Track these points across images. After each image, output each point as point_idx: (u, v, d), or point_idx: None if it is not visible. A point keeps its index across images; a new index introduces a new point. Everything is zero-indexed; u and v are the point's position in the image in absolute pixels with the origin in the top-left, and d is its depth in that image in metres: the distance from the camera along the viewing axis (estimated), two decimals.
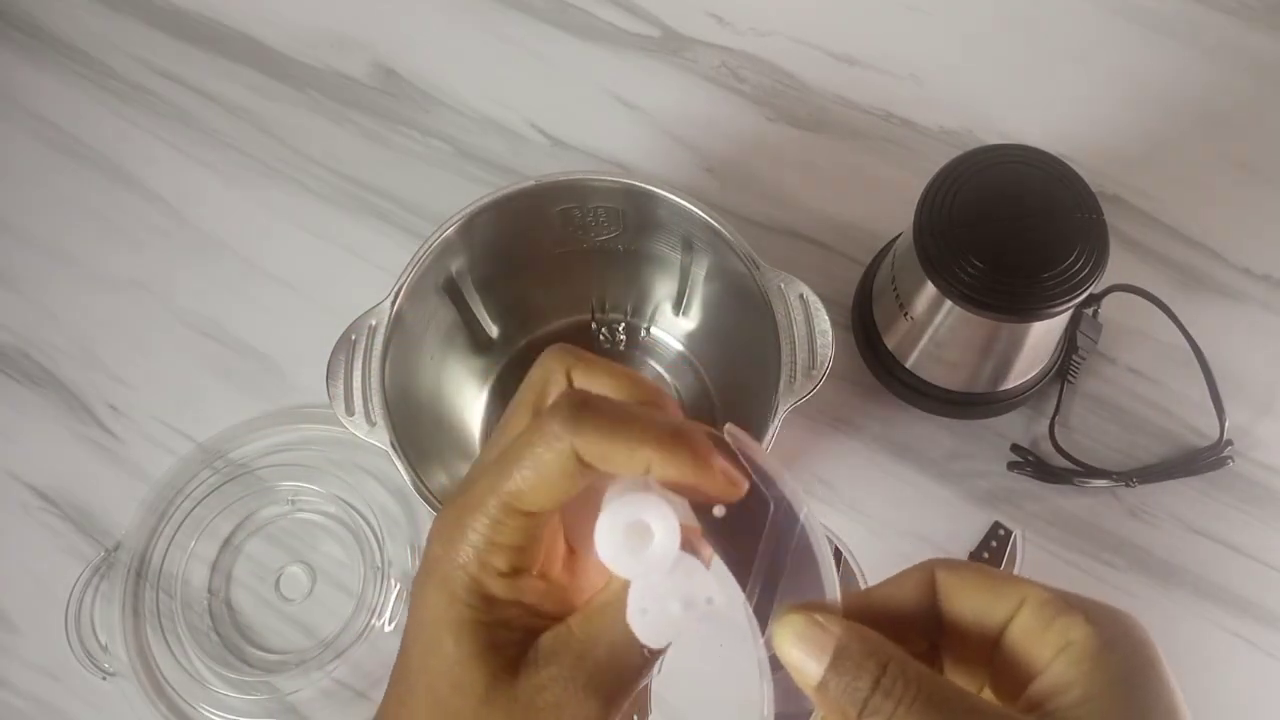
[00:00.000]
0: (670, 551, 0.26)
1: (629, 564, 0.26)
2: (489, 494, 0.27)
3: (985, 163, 0.49)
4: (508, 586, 0.27)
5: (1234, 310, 0.61)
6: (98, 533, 0.59)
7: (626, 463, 0.26)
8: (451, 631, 0.27)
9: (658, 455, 0.26)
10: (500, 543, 0.27)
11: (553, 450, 0.26)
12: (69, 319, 0.65)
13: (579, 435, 0.26)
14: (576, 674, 0.27)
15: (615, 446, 0.26)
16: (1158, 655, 0.26)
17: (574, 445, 0.26)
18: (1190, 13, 0.69)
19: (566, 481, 0.26)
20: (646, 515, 0.26)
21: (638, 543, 0.26)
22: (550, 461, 0.26)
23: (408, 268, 0.50)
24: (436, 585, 0.27)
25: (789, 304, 0.48)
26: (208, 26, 0.72)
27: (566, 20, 0.71)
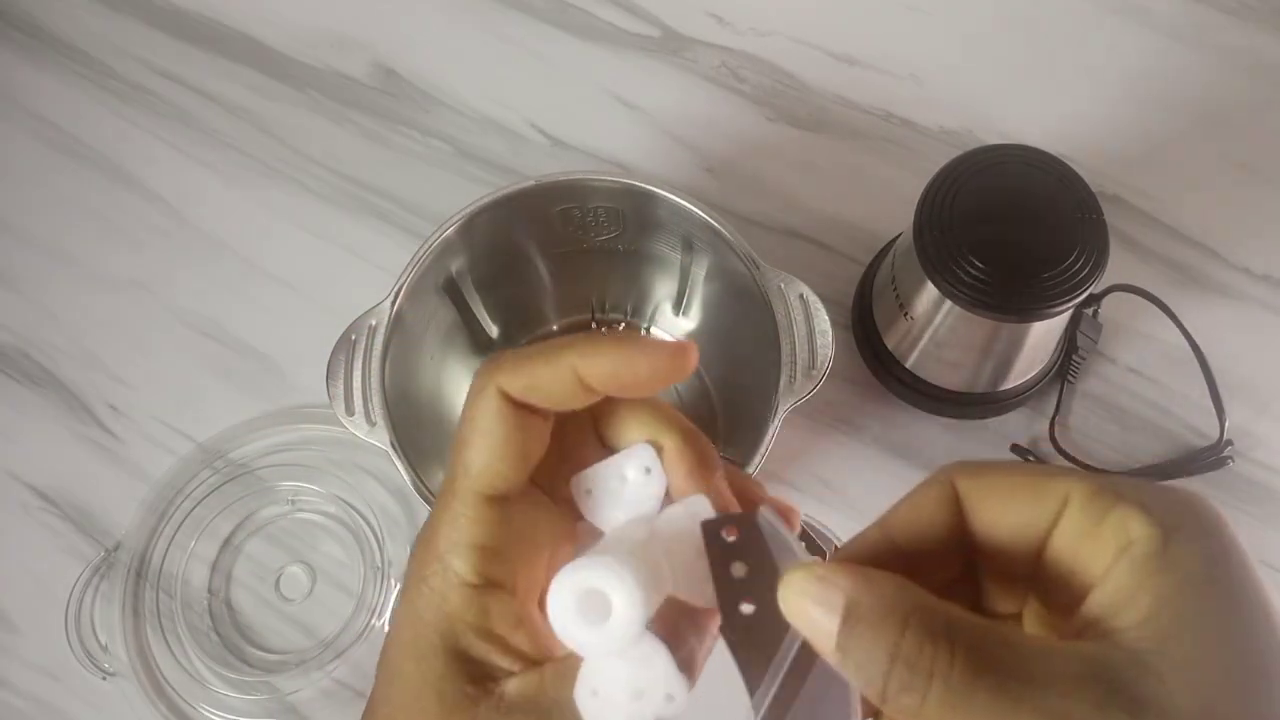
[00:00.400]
0: (629, 630, 0.22)
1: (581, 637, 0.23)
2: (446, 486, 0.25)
3: (985, 163, 0.49)
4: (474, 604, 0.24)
5: (1234, 310, 0.61)
6: (98, 533, 0.59)
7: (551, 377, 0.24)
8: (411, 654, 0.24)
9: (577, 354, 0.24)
10: (462, 541, 0.24)
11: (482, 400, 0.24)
12: (69, 319, 0.65)
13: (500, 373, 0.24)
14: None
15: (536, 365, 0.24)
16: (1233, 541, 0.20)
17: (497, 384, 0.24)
18: (1190, 13, 0.68)
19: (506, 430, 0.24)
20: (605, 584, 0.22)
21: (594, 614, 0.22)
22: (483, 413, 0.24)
23: (408, 268, 0.50)
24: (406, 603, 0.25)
25: (789, 304, 0.48)
26: (208, 26, 0.72)
27: (566, 20, 0.71)
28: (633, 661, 0.23)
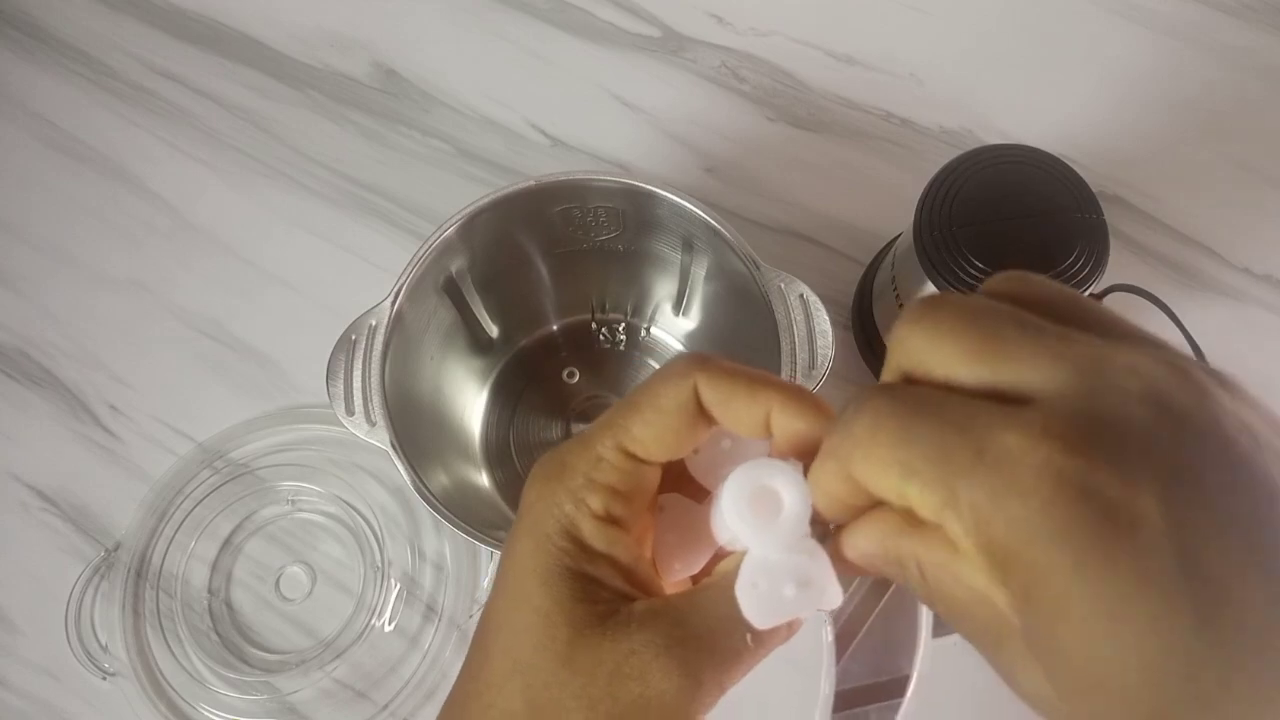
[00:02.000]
0: (799, 523, 0.24)
1: (754, 530, 0.24)
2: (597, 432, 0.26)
3: (985, 163, 0.49)
4: (602, 533, 0.25)
5: (1234, 310, 0.61)
6: (98, 533, 0.59)
7: (747, 407, 0.25)
8: (538, 576, 0.25)
9: (779, 400, 0.24)
10: (600, 481, 0.25)
11: (673, 385, 0.25)
12: (69, 319, 0.65)
13: (703, 372, 0.25)
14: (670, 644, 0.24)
15: (737, 387, 0.25)
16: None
17: (697, 382, 0.25)
18: (1191, 13, 0.68)
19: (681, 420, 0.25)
20: (778, 482, 0.24)
21: (765, 510, 0.24)
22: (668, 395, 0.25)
23: (408, 268, 0.50)
24: (526, 531, 0.26)
25: (789, 304, 0.48)
26: (208, 26, 0.72)
27: (566, 20, 0.71)
28: (797, 555, 0.24)
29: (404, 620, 0.56)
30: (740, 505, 0.24)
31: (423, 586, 0.57)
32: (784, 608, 0.24)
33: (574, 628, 0.24)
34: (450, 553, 0.57)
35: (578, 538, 0.25)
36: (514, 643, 0.25)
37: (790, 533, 0.24)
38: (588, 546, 0.25)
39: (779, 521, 0.24)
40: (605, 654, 0.24)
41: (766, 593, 0.24)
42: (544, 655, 0.24)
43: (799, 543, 0.24)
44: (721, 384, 0.25)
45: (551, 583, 0.25)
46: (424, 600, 0.57)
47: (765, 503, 0.24)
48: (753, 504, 0.24)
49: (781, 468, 0.24)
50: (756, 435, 0.25)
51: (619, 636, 0.24)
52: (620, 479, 0.26)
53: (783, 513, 0.24)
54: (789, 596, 0.24)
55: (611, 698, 0.24)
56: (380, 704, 0.54)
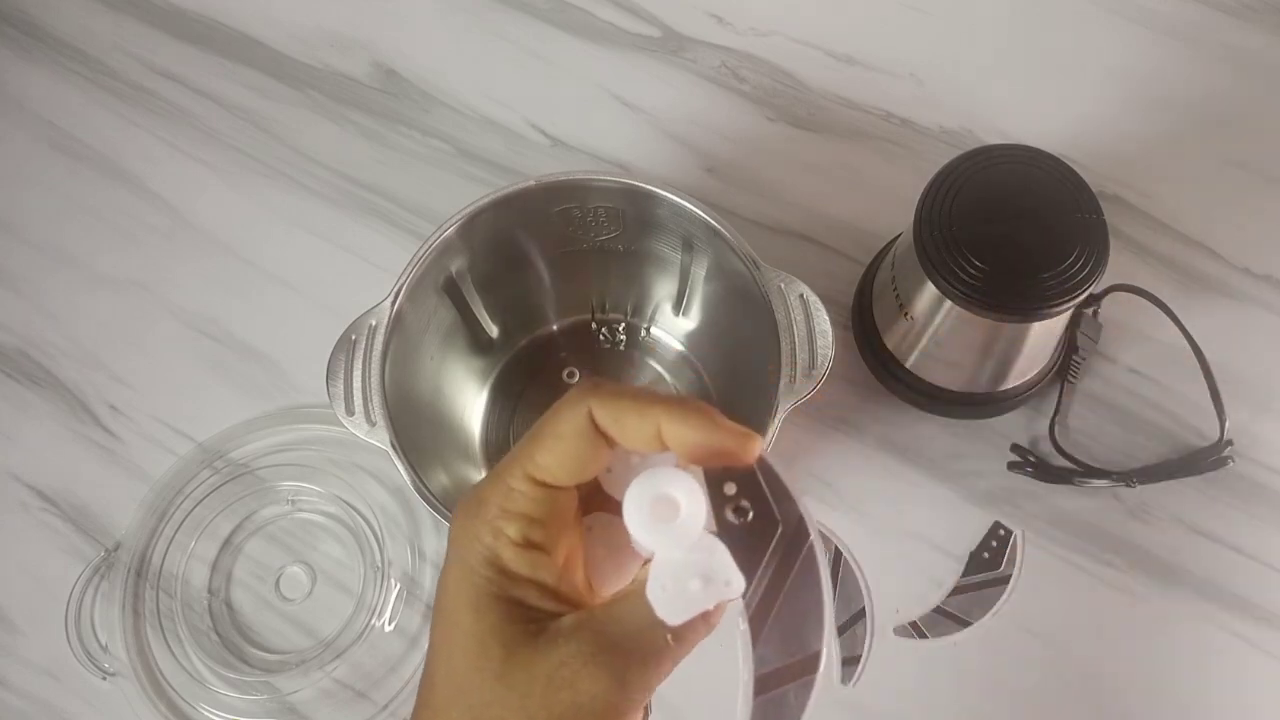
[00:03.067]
0: (696, 523, 0.26)
1: (654, 535, 0.26)
2: (509, 464, 0.28)
3: (985, 163, 0.49)
4: (523, 559, 0.27)
5: (1234, 310, 0.61)
6: (98, 533, 0.59)
7: (638, 424, 0.27)
8: (468, 605, 0.27)
9: (666, 414, 0.26)
10: (514, 510, 0.27)
11: (569, 412, 0.27)
12: (69, 319, 0.65)
13: (594, 397, 0.27)
14: (595, 651, 0.26)
15: (625, 407, 0.27)
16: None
17: (590, 407, 0.27)
18: (1191, 13, 0.68)
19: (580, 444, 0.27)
20: (674, 489, 0.26)
21: (664, 515, 0.26)
22: (565, 422, 0.27)
23: (408, 268, 0.50)
24: (454, 563, 0.28)
25: (789, 304, 0.48)
26: (208, 26, 0.72)
27: (566, 20, 0.71)
28: (697, 553, 0.26)
29: (404, 620, 0.56)
30: (640, 514, 0.26)
31: (423, 586, 0.57)
32: (693, 602, 0.26)
33: (506, 648, 0.26)
34: None
35: (500, 565, 0.27)
36: (453, 668, 0.27)
37: (689, 533, 0.26)
38: (510, 572, 0.27)
39: (677, 524, 0.26)
40: (538, 669, 0.26)
41: (675, 591, 0.26)
42: (481, 676, 0.26)
43: (699, 541, 0.26)
44: (611, 406, 0.27)
45: (481, 609, 0.27)
46: (424, 600, 0.57)
47: (664, 508, 0.26)
48: (653, 511, 0.26)
49: (675, 474, 0.26)
50: (652, 449, 0.27)
51: (548, 651, 0.26)
52: (533, 506, 0.27)
53: (679, 516, 0.26)
54: (695, 591, 0.26)
55: (547, 708, 0.26)
56: (380, 704, 0.54)
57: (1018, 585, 0.55)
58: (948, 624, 0.54)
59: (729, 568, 0.26)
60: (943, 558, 0.56)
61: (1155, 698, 0.53)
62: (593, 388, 0.27)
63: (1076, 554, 0.56)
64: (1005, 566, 0.55)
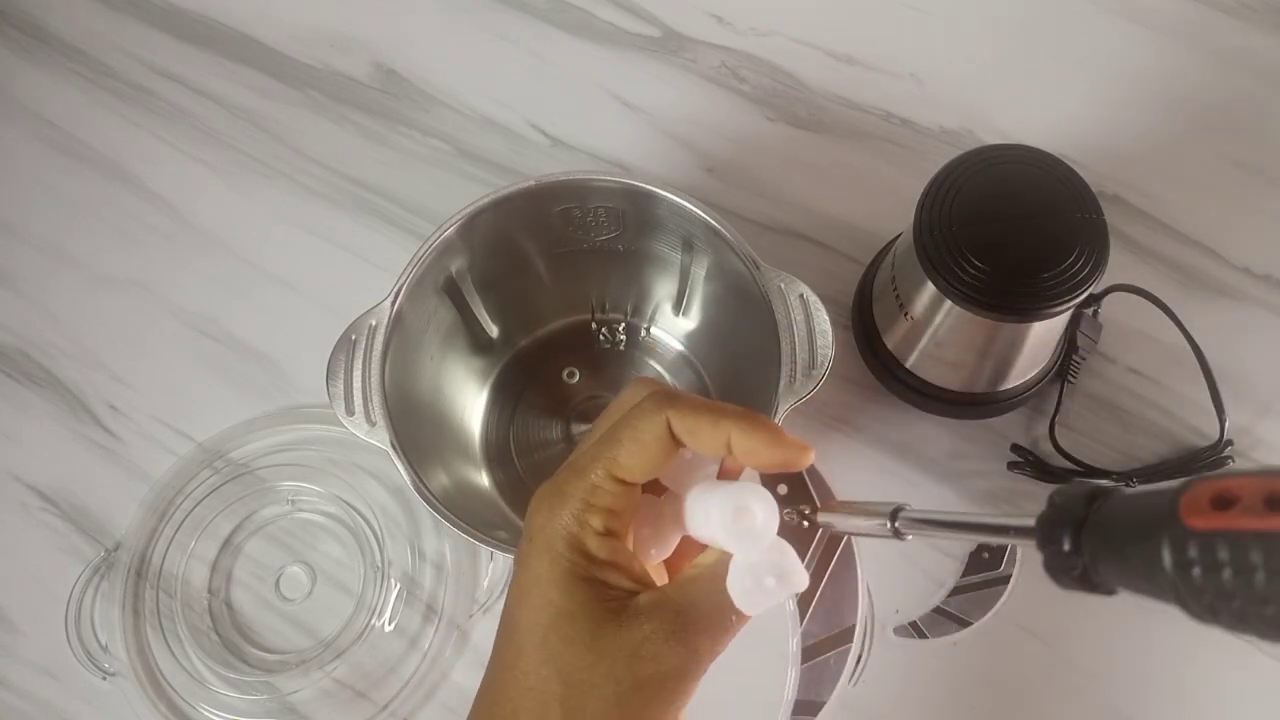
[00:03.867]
0: (772, 529, 0.30)
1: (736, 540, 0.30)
2: (591, 462, 0.31)
3: (985, 163, 0.49)
4: (604, 545, 0.31)
5: (1234, 310, 0.61)
6: (98, 533, 0.59)
7: (710, 433, 0.31)
8: (558, 586, 0.30)
9: (737, 427, 0.30)
10: (597, 504, 0.31)
11: (649, 420, 0.31)
12: (69, 319, 0.65)
13: (672, 408, 0.31)
14: (675, 629, 0.30)
15: (700, 419, 0.31)
16: None
17: (668, 415, 0.31)
18: (1190, 13, 0.68)
19: (658, 448, 0.31)
20: (752, 501, 0.30)
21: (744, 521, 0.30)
22: (646, 429, 0.31)
23: (408, 268, 0.50)
24: (540, 550, 0.31)
25: (789, 304, 0.48)
26: (208, 26, 0.72)
27: (566, 20, 0.71)
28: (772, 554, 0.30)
29: (404, 620, 0.56)
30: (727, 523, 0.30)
31: (423, 586, 0.57)
32: (768, 596, 0.30)
33: (595, 621, 0.30)
34: (450, 553, 0.57)
35: (586, 551, 0.31)
36: (545, 638, 0.30)
37: (765, 537, 0.30)
38: (594, 557, 0.31)
39: (756, 531, 0.30)
40: (623, 641, 0.30)
41: (753, 588, 0.30)
42: (574, 645, 0.30)
43: (772, 543, 0.30)
44: (688, 417, 0.31)
45: (570, 589, 0.30)
46: (424, 600, 0.57)
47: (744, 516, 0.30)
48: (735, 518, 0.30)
49: (753, 489, 0.31)
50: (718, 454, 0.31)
51: (632, 626, 0.30)
52: (613, 500, 0.31)
53: (757, 523, 0.30)
54: (770, 586, 0.30)
55: (632, 674, 0.30)
56: (380, 704, 0.54)
57: (1018, 585, 0.55)
58: (948, 624, 0.54)
59: (797, 567, 0.30)
60: (943, 558, 0.56)
61: (1155, 698, 0.53)
62: (669, 398, 0.31)
63: None
64: (1005, 566, 0.55)
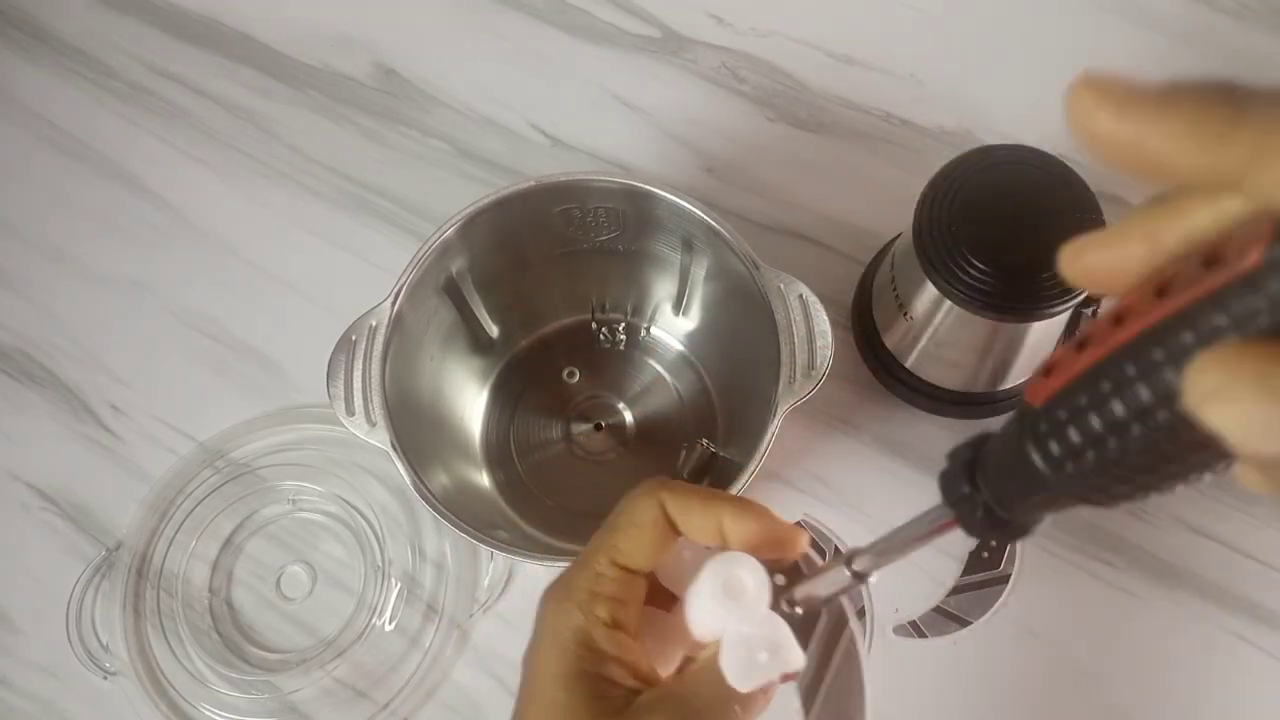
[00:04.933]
0: (764, 600, 0.30)
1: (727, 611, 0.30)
2: (594, 552, 0.31)
3: (985, 163, 0.49)
4: (610, 639, 0.31)
5: None
6: (98, 532, 0.59)
7: (702, 516, 0.31)
8: (562, 683, 0.30)
9: (729, 510, 0.31)
10: (602, 593, 0.31)
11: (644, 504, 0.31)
12: (69, 319, 0.65)
13: (665, 490, 0.31)
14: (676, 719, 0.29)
15: (692, 501, 0.31)
16: None
17: (661, 499, 0.31)
18: (1191, 14, 0.69)
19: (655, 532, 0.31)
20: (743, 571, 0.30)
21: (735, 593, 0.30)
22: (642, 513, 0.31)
23: (408, 268, 0.50)
24: (548, 644, 0.31)
25: (789, 304, 0.48)
26: (208, 26, 0.73)
27: (566, 20, 0.71)
28: (764, 628, 0.30)
29: (404, 619, 0.56)
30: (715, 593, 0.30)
31: (423, 586, 0.57)
32: (761, 672, 0.29)
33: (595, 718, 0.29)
34: (451, 552, 0.57)
35: (591, 645, 0.30)
36: None
37: (757, 609, 0.30)
38: (600, 651, 0.30)
39: (747, 601, 0.30)
40: None
41: (745, 661, 0.29)
42: None
43: (765, 618, 0.30)
44: (681, 499, 0.31)
45: (573, 685, 0.30)
46: (424, 600, 0.57)
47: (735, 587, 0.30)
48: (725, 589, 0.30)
49: (744, 559, 0.30)
50: (713, 541, 0.31)
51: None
52: (618, 589, 0.31)
53: (749, 593, 0.30)
54: (763, 661, 0.29)
55: None
56: (381, 703, 0.55)
57: (1017, 585, 0.55)
58: (947, 624, 0.55)
59: (790, 641, 0.30)
60: (942, 557, 0.56)
61: (1155, 698, 0.53)
62: (662, 484, 0.31)
63: (1076, 554, 0.56)
64: (1005, 566, 0.55)
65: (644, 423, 0.59)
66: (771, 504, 0.31)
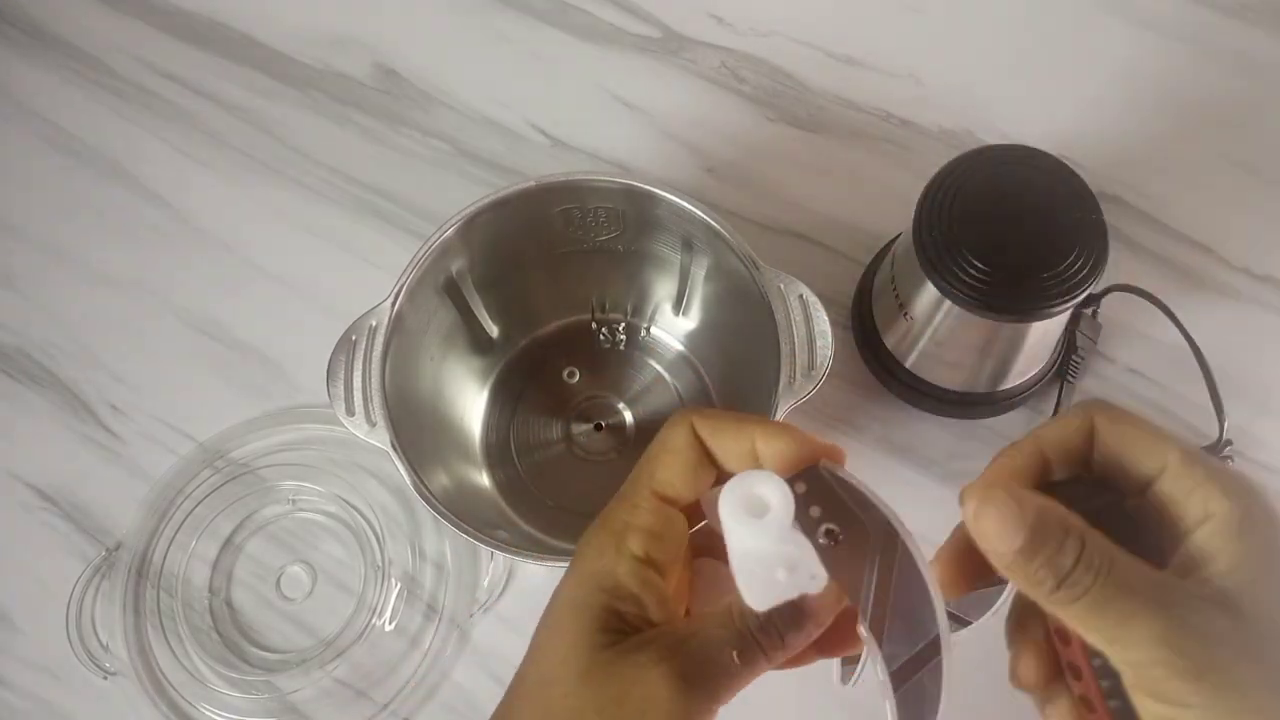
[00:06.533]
0: (786, 518, 0.28)
1: (746, 527, 0.28)
2: (629, 486, 0.31)
3: (985, 163, 0.49)
4: (635, 574, 0.30)
5: (1234, 310, 0.61)
6: (98, 532, 0.59)
7: (735, 439, 0.31)
8: (572, 610, 0.30)
9: (760, 430, 0.30)
10: (638, 525, 0.31)
11: (676, 429, 0.31)
12: (69, 319, 0.65)
13: (696, 414, 0.31)
14: (666, 657, 0.28)
15: (724, 423, 0.31)
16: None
17: (693, 422, 0.31)
18: (1191, 13, 0.69)
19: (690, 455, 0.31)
20: (764, 488, 0.29)
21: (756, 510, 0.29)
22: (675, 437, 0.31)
23: (408, 268, 0.50)
24: (574, 569, 0.31)
25: (789, 304, 0.48)
26: (208, 26, 0.73)
27: (566, 20, 0.71)
28: (784, 545, 0.28)
29: (404, 620, 0.56)
30: (733, 507, 0.28)
31: (423, 586, 0.57)
32: (778, 590, 0.28)
33: (594, 649, 0.29)
34: (451, 552, 0.57)
35: (615, 577, 0.30)
36: (546, 657, 0.30)
37: (778, 527, 0.28)
38: (620, 585, 0.30)
39: (768, 518, 0.28)
40: (615, 671, 0.29)
41: (762, 578, 0.28)
42: (567, 671, 0.29)
43: (787, 535, 0.28)
44: (712, 421, 0.31)
45: (581, 614, 0.30)
46: (424, 600, 0.57)
47: (756, 505, 0.29)
48: (745, 506, 0.28)
49: (767, 476, 0.29)
50: (747, 466, 0.30)
51: (628, 655, 0.29)
52: (654, 520, 0.31)
53: (770, 511, 0.28)
54: (781, 580, 0.28)
55: (617, 704, 0.28)
56: (381, 703, 0.55)
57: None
58: None
59: (813, 561, 0.28)
60: None
61: None
62: (694, 410, 0.31)
63: None
64: None
65: (644, 423, 0.59)
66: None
